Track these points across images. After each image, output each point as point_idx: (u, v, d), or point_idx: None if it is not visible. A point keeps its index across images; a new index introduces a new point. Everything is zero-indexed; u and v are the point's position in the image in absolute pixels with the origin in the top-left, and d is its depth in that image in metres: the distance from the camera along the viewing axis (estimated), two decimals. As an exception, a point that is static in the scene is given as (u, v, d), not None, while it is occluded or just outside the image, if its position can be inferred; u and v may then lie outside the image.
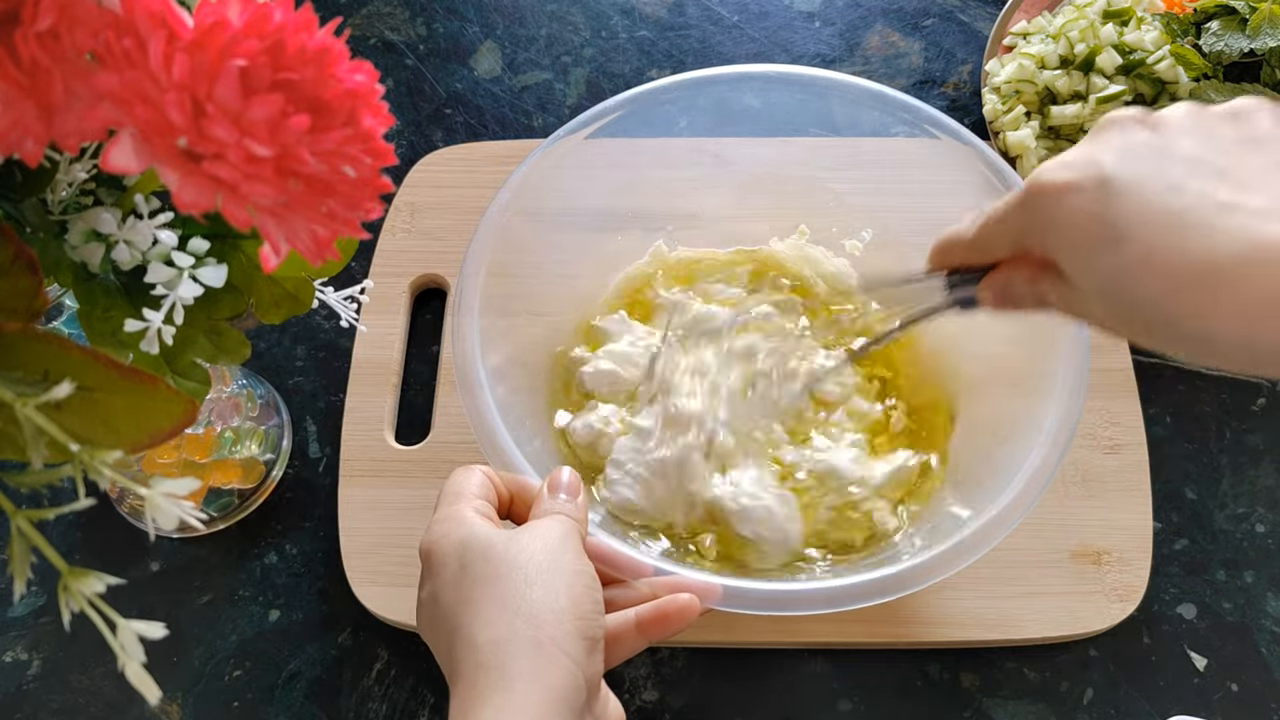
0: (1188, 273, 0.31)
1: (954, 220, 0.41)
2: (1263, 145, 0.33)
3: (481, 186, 0.69)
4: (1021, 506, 0.50)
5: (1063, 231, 0.34)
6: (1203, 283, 0.31)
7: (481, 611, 0.40)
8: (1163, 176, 0.32)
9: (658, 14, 0.80)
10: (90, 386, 0.30)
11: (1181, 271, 0.31)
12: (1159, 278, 0.31)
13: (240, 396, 0.62)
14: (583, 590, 0.41)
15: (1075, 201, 0.33)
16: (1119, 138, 0.34)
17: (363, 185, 0.32)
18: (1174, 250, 0.31)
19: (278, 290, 0.42)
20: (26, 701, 0.58)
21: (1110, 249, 0.32)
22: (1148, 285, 0.32)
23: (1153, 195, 0.32)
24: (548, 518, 0.44)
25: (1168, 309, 0.32)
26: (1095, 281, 0.34)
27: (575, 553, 0.43)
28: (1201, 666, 0.58)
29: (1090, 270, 0.34)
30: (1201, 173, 0.32)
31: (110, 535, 0.62)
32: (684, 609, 0.46)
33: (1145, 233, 0.32)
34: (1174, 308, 0.31)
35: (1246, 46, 0.64)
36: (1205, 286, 0.31)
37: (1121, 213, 0.32)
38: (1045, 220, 0.35)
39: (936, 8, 0.80)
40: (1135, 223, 0.32)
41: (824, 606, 0.49)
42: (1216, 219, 0.31)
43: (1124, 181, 0.32)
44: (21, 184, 0.34)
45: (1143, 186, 0.32)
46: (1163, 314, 0.32)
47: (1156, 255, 0.31)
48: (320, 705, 0.58)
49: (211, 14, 0.29)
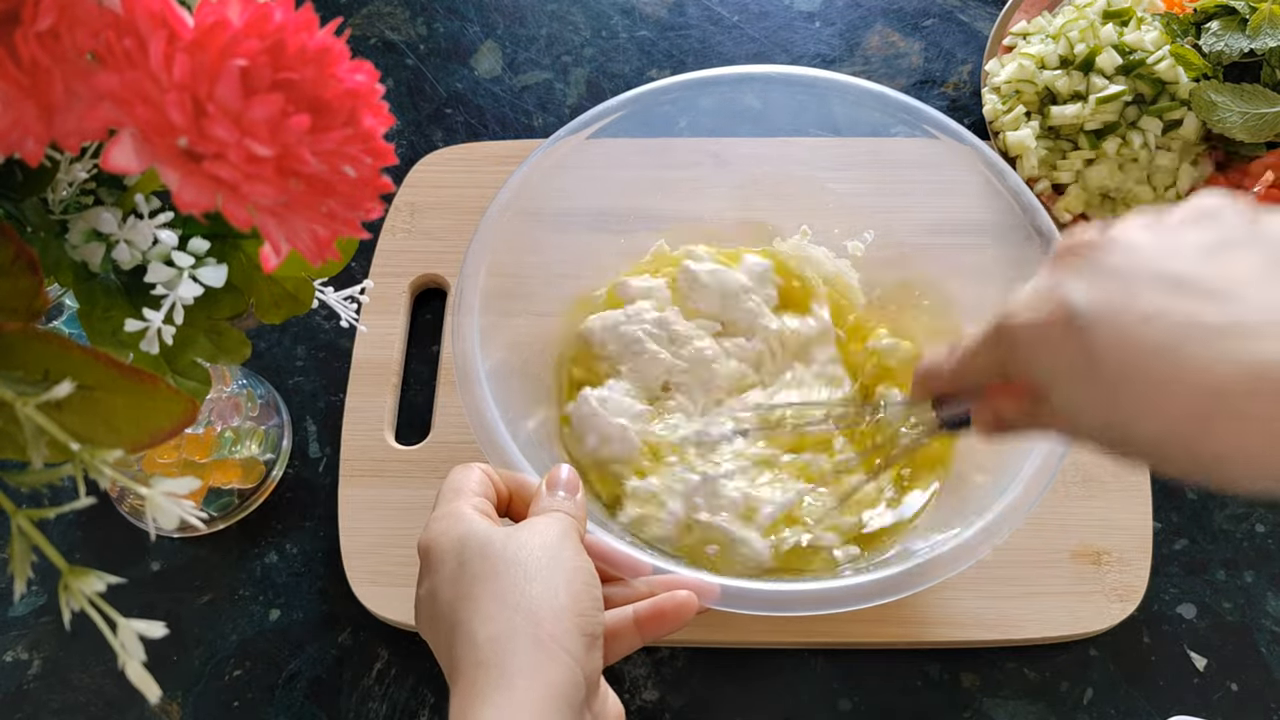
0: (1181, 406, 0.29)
1: (953, 220, 0.41)
2: (1236, 248, 0.30)
3: (481, 186, 0.69)
4: (1022, 507, 0.50)
5: (1041, 369, 0.33)
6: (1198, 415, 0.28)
7: (481, 608, 0.40)
8: (1134, 304, 0.30)
9: (658, 14, 0.81)
10: (90, 386, 0.30)
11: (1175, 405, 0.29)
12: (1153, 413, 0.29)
13: (240, 396, 0.62)
14: (582, 587, 0.41)
15: (1048, 343, 0.32)
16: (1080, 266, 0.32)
17: (363, 185, 0.32)
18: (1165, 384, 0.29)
19: (278, 290, 0.42)
20: (27, 701, 0.58)
21: (1096, 388, 0.31)
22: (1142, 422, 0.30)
23: (1130, 327, 0.30)
24: (546, 515, 0.44)
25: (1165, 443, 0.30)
26: (1084, 414, 0.32)
27: (574, 549, 0.43)
28: (1201, 666, 0.58)
29: (1081, 408, 0.32)
30: (1174, 292, 0.30)
31: (110, 535, 0.62)
32: (681, 606, 0.46)
33: (1124, 369, 0.30)
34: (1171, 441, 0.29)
35: (1246, 46, 0.64)
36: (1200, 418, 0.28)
37: (1096, 350, 0.30)
38: (1022, 361, 0.34)
39: (936, 8, 0.80)
40: (1112, 359, 0.30)
41: (824, 607, 0.49)
42: (1203, 344, 0.28)
43: (1093, 316, 0.31)
44: (22, 184, 0.34)
45: (1117, 318, 0.30)
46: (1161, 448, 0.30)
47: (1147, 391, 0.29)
48: (320, 705, 0.58)
49: (212, 14, 0.29)
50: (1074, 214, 0.69)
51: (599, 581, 0.43)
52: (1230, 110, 0.64)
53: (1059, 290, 0.32)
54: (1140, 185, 0.68)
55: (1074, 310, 0.31)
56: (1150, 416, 0.30)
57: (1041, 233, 0.56)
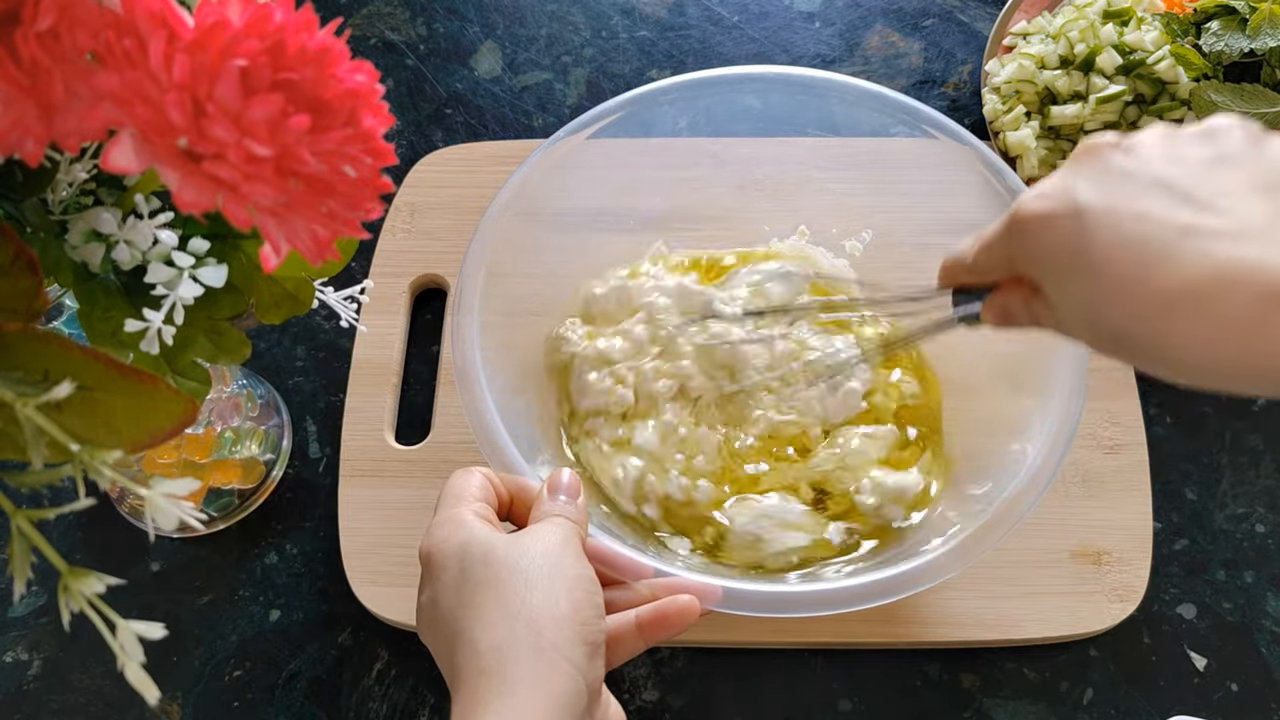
0: (1151, 301, 0.31)
1: (952, 220, 0.42)
2: (1231, 165, 0.33)
3: (481, 186, 0.69)
4: (1021, 507, 0.50)
5: (1043, 261, 0.35)
6: (1165, 310, 0.31)
7: (483, 615, 0.40)
8: (1131, 203, 0.32)
9: (658, 14, 0.81)
10: (90, 386, 0.30)
11: (1146, 299, 0.31)
12: (1126, 306, 0.32)
13: (240, 396, 0.62)
14: (583, 595, 0.41)
15: (1052, 232, 0.34)
16: (1093, 165, 0.34)
17: (363, 185, 0.32)
18: (1138, 279, 0.31)
19: (278, 290, 0.42)
20: (26, 701, 0.58)
21: (1084, 277, 0.33)
22: (1117, 313, 0.32)
23: (1122, 223, 0.32)
24: (548, 521, 0.44)
25: (1137, 336, 0.32)
26: (1073, 307, 0.34)
27: (575, 556, 0.43)
28: (1201, 666, 0.58)
29: (1068, 298, 0.34)
30: (1167, 197, 0.32)
31: (110, 535, 0.62)
32: (684, 610, 0.46)
33: (1114, 263, 0.32)
34: (1142, 335, 0.32)
35: (1246, 46, 0.64)
36: (1174, 313, 0.31)
37: (1094, 243, 0.32)
38: (1027, 250, 0.36)
39: (936, 8, 0.80)
40: (1105, 253, 0.32)
41: (824, 608, 0.49)
42: (1176, 244, 0.31)
43: (1095, 210, 0.33)
44: (22, 184, 0.34)
45: (1112, 214, 0.32)
46: (1135, 339, 0.32)
47: (1125, 285, 0.32)
48: (320, 705, 0.58)
49: (212, 14, 0.29)
50: (1074, 214, 0.69)
51: (600, 588, 0.43)
52: (1230, 110, 0.64)
53: (1069, 184, 0.34)
54: (1140, 185, 0.68)
55: (1079, 203, 0.33)
56: (1126, 308, 0.32)
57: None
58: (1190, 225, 0.31)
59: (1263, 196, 0.31)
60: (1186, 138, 0.34)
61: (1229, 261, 0.30)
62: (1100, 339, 0.34)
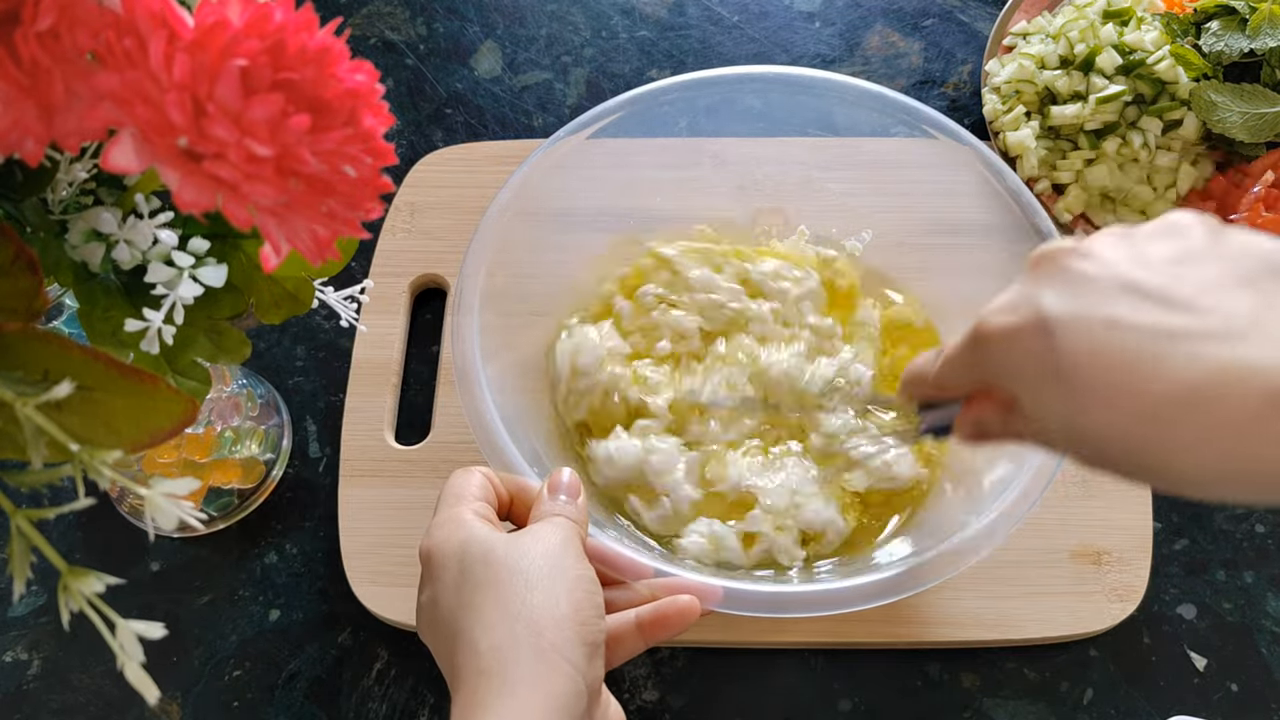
0: (1141, 411, 0.30)
1: (952, 220, 0.42)
2: (1200, 261, 0.32)
3: (481, 186, 0.69)
4: (1022, 507, 0.50)
5: (1015, 376, 0.34)
6: (1159, 419, 0.29)
7: (483, 617, 0.40)
8: (1099, 310, 0.31)
9: (658, 14, 0.81)
10: (90, 386, 0.30)
11: (1134, 410, 0.30)
12: (1113, 418, 0.30)
13: (240, 396, 0.62)
14: (583, 595, 0.41)
15: (1019, 347, 0.33)
16: (1054, 275, 0.33)
17: (363, 185, 0.32)
18: (1126, 389, 0.30)
19: (278, 290, 0.42)
20: (26, 701, 0.58)
21: (1059, 391, 0.32)
22: (1097, 423, 0.31)
23: (1095, 333, 0.31)
24: (548, 521, 0.44)
25: (1122, 446, 0.31)
26: (1056, 423, 0.33)
27: (576, 556, 0.43)
28: (1201, 666, 0.58)
29: (1049, 413, 0.33)
30: (1138, 300, 0.31)
31: (110, 535, 0.62)
32: (684, 610, 0.46)
33: (1091, 376, 0.31)
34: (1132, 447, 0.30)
35: (1246, 46, 0.64)
36: (1163, 423, 0.29)
37: (1064, 354, 0.31)
38: (996, 365, 0.35)
39: (936, 8, 0.80)
40: (1078, 361, 0.31)
41: (824, 608, 0.49)
42: (1164, 350, 0.30)
43: (1063, 321, 0.32)
44: (22, 184, 0.34)
45: (1083, 324, 0.31)
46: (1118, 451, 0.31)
47: (1106, 397, 0.30)
48: (320, 705, 0.58)
49: (212, 14, 0.29)
50: (1074, 214, 0.69)
51: (600, 588, 0.43)
52: (1230, 110, 0.64)
53: (1032, 296, 0.33)
54: (1140, 185, 0.68)
55: (1044, 315, 0.32)
56: (1111, 418, 0.30)
57: (1041, 233, 0.56)
58: (1173, 328, 0.30)
59: (1241, 291, 0.30)
60: (1145, 237, 0.33)
61: (1226, 363, 0.29)
62: (1084, 452, 0.33)
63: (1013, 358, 0.34)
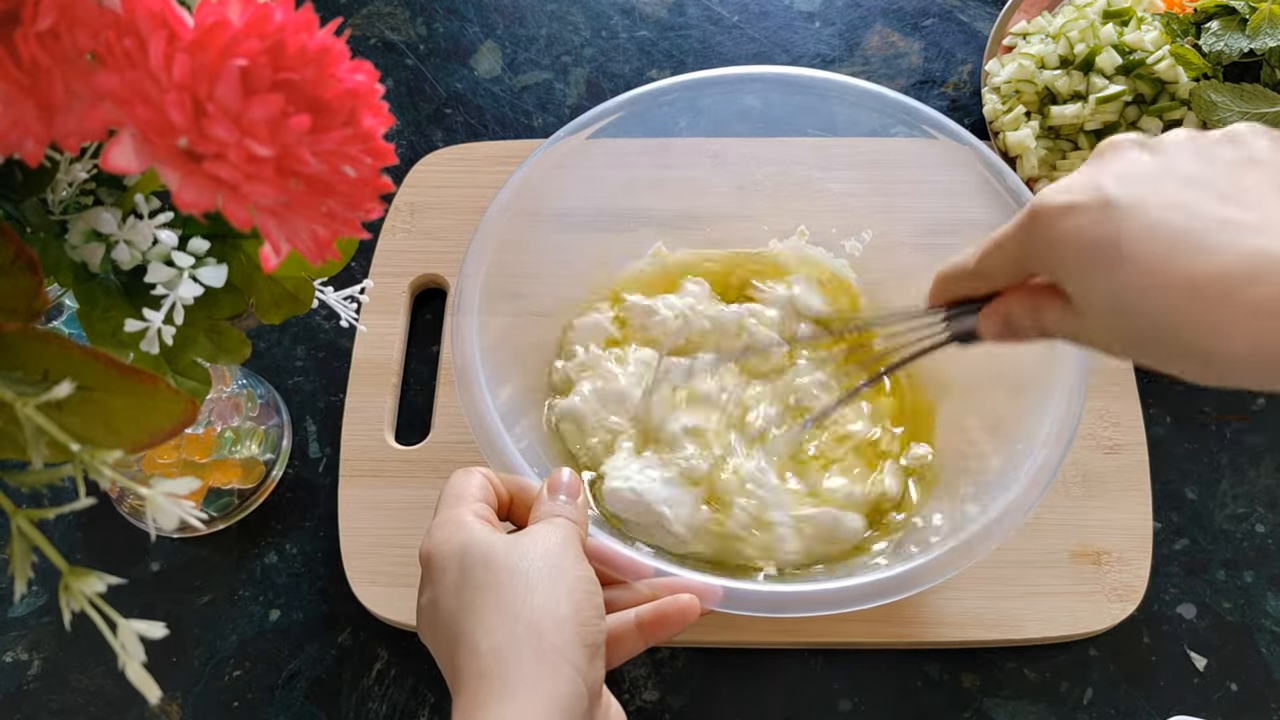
0: (1188, 287, 0.31)
1: (952, 220, 0.41)
2: (1259, 166, 0.34)
3: (481, 186, 0.69)
4: (1022, 507, 0.50)
5: (1066, 253, 0.35)
6: (1203, 296, 0.31)
7: (484, 619, 0.40)
8: (1162, 196, 0.33)
9: (658, 14, 0.81)
10: (90, 386, 0.30)
11: (1182, 286, 0.31)
12: (1161, 293, 0.32)
13: (240, 396, 0.62)
14: (584, 596, 0.41)
15: (1078, 222, 0.34)
16: (1119, 161, 0.35)
17: (363, 185, 0.32)
18: (1175, 266, 0.32)
19: (278, 290, 0.42)
20: (26, 701, 0.58)
21: (1114, 268, 0.33)
22: (1150, 302, 0.32)
23: (1153, 213, 0.33)
24: (547, 522, 0.44)
25: (1170, 324, 0.32)
26: (1099, 301, 0.34)
27: (576, 557, 0.43)
28: (1201, 666, 0.58)
29: (1094, 290, 0.34)
30: (1200, 191, 0.33)
31: (110, 535, 0.62)
32: (684, 609, 0.46)
33: (1147, 250, 0.32)
34: (1176, 322, 0.32)
35: (1246, 46, 0.64)
36: (1205, 300, 0.31)
37: (1124, 232, 0.33)
38: (1048, 243, 0.35)
39: (936, 8, 0.80)
40: (1137, 241, 0.32)
41: (824, 608, 0.49)
42: (1215, 234, 0.32)
43: (1125, 202, 0.33)
44: (22, 184, 0.34)
45: (1143, 206, 0.33)
46: (1165, 330, 0.32)
47: (1158, 272, 0.32)
48: (320, 705, 0.58)
49: (212, 14, 0.29)
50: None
51: (600, 589, 0.43)
52: (1230, 110, 0.64)
53: (1096, 177, 0.34)
54: (1140, 185, 0.68)
55: (1108, 196, 0.34)
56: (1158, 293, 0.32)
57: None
58: (1227, 217, 0.32)
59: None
60: (1212, 140, 0.35)
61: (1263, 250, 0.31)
62: (1126, 334, 0.34)
63: (1068, 233, 0.34)
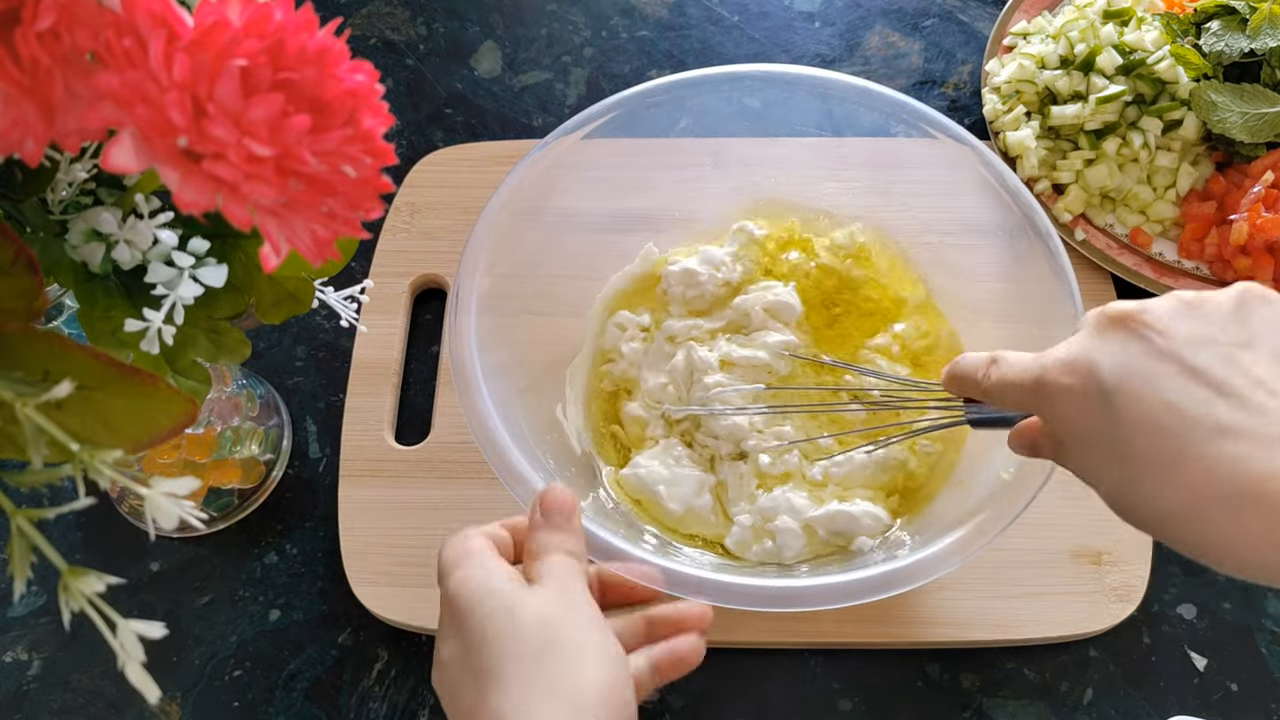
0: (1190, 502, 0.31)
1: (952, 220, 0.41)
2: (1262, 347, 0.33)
3: (481, 186, 0.69)
4: (1020, 506, 0.50)
5: (1071, 432, 0.36)
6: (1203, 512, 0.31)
7: (511, 694, 0.37)
8: (1161, 394, 0.33)
9: (658, 14, 0.81)
10: (90, 386, 0.30)
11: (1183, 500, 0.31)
12: (1160, 502, 0.32)
13: (240, 396, 0.62)
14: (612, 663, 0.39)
15: (1079, 410, 0.35)
16: (1116, 342, 0.35)
17: (363, 185, 0.32)
18: (1174, 480, 0.32)
19: (278, 290, 0.42)
20: (26, 701, 0.58)
21: (1114, 461, 0.34)
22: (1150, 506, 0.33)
23: (1153, 414, 0.32)
24: (549, 572, 0.41)
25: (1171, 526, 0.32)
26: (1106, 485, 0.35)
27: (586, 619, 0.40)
28: (1201, 666, 0.58)
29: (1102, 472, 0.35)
30: (1198, 386, 0.32)
31: (110, 535, 0.62)
32: (694, 648, 0.44)
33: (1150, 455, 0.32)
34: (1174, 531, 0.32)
35: (1246, 46, 0.64)
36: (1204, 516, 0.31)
37: (1122, 428, 0.33)
38: (1056, 418, 0.37)
39: (936, 8, 0.80)
40: (1139, 445, 0.33)
41: (824, 603, 0.49)
42: (1215, 447, 0.31)
43: (1122, 395, 0.33)
44: (22, 184, 0.34)
45: (1143, 404, 0.33)
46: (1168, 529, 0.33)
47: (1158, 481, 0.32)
48: (320, 705, 0.58)
49: (212, 14, 0.29)
50: (1074, 214, 0.69)
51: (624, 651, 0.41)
52: (1230, 110, 0.64)
53: (1093, 361, 0.35)
54: (1140, 185, 0.68)
55: (1104, 385, 0.34)
56: (1155, 492, 0.32)
57: (1040, 233, 0.56)
58: (1225, 425, 0.31)
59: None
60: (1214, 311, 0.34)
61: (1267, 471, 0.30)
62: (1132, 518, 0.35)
63: (1071, 415, 0.35)
